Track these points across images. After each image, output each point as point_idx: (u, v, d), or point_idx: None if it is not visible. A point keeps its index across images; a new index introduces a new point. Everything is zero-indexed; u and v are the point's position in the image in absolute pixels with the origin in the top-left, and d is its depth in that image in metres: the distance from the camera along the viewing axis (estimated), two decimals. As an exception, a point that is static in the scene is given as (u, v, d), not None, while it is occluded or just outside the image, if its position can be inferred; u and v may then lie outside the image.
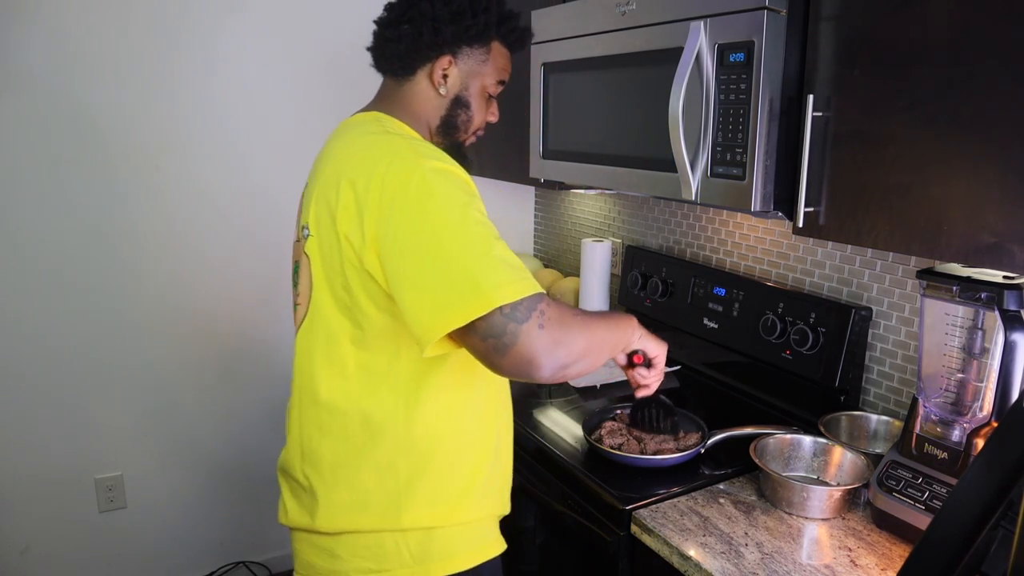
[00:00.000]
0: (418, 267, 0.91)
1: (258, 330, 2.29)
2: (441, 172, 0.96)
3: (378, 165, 0.96)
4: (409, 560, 1.06)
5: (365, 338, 1.03)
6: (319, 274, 1.05)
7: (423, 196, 0.93)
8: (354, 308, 1.02)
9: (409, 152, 0.98)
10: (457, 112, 1.15)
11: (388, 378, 1.04)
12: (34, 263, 2.00)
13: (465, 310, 0.88)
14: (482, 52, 1.14)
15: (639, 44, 1.35)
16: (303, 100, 2.22)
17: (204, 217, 2.18)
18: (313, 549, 1.12)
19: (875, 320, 1.47)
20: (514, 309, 0.88)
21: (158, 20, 2.01)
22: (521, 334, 0.88)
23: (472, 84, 1.15)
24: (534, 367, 0.90)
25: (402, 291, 0.93)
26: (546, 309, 0.91)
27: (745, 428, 1.41)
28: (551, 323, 0.91)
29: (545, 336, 0.89)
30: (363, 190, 0.96)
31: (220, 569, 2.41)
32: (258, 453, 2.38)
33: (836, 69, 1.10)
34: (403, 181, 0.94)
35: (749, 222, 1.75)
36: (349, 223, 0.97)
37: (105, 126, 2.01)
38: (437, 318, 0.89)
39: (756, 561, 1.08)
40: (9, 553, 2.11)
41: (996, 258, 0.94)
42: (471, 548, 1.10)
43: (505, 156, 2.00)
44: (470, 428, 1.10)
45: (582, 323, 0.97)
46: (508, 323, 0.88)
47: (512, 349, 0.88)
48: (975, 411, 1.08)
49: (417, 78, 1.13)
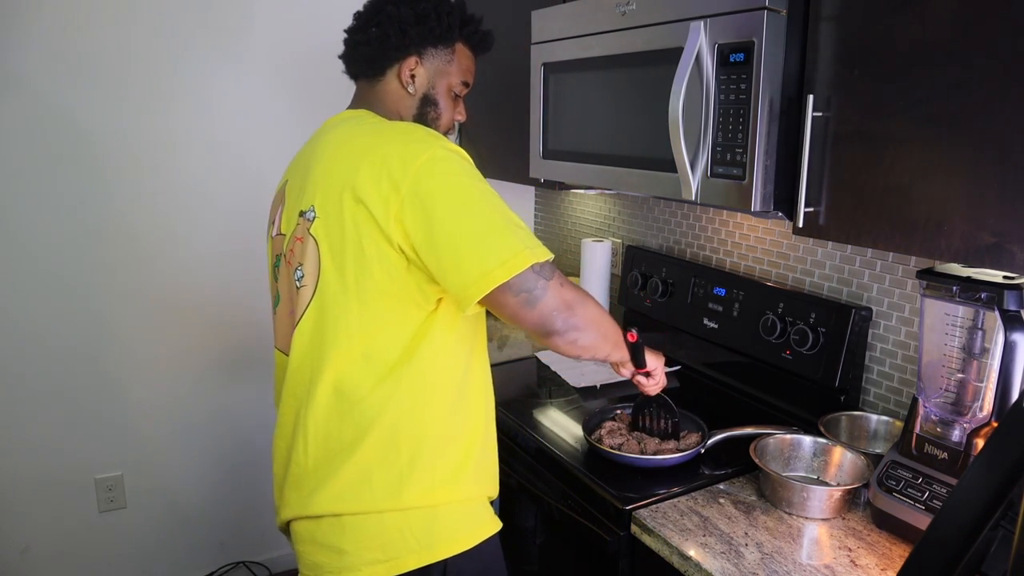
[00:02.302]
0: (454, 233, 0.99)
1: (258, 330, 2.29)
2: (454, 152, 1.05)
3: (394, 144, 1.03)
4: (415, 545, 1.08)
5: (367, 320, 1.06)
6: (327, 256, 1.07)
7: (447, 170, 1.01)
8: (365, 283, 1.05)
9: (423, 132, 1.07)
10: (427, 110, 1.22)
11: (390, 360, 1.07)
12: (33, 263, 2.00)
13: (506, 268, 0.98)
14: (447, 53, 1.21)
15: (639, 44, 1.35)
16: (299, 101, 2.22)
17: (202, 216, 2.18)
18: (318, 548, 1.12)
19: (875, 320, 1.47)
20: (542, 268, 1.01)
21: (154, 22, 2.01)
22: (549, 288, 1.02)
23: (438, 83, 1.22)
24: (553, 320, 1.02)
25: (439, 258, 1.00)
26: (562, 275, 1.06)
27: (745, 428, 1.41)
28: (569, 285, 1.05)
29: (566, 293, 1.04)
30: (384, 167, 1.01)
31: (220, 569, 2.41)
32: (258, 453, 2.38)
33: (836, 69, 1.10)
34: (427, 158, 1.01)
35: (749, 222, 1.75)
36: (373, 197, 1.01)
37: (102, 127, 2.01)
38: (480, 278, 0.98)
39: (756, 561, 1.08)
40: (9, 553, 2.11)
41: (996, 258, 0.94)
42: (471, 527, 1.14)
43: (505, 156, 2.00)
44: (465, 408, 1.14)
45: (593, 300, 1.12)
46: (539, 279, 1.01)
47: (541, 302, 1.01)
48: (975, 411, 1.08)
49: (387, 78, 1.20)
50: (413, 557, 1.08)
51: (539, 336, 1.05)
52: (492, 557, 1.16)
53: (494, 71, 2.03)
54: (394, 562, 1.08)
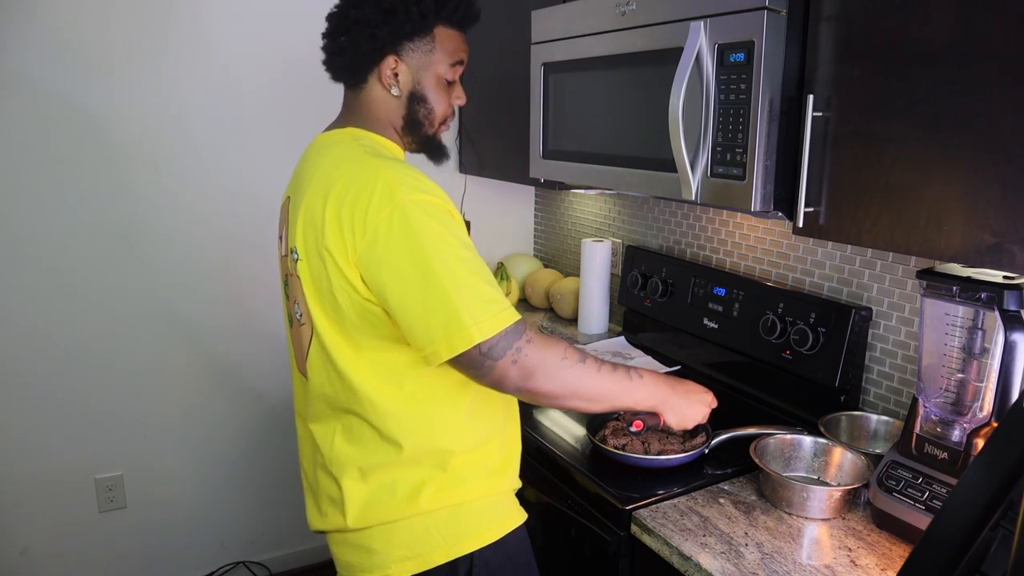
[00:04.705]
0: (403, 302, 0.98)
1: (258, 330, 2.29)
2: (420, 204, 0.99)
3: (362, 192, 1.00)
4: (441, 541, 1.10)
5: (361, 352, 1.08)
6: (311, 297, 1.09)
7: (404, 231, 0.97)
8: (346, 324, 1.07)
9: (391, 181, 1.00)
10: (416, 108, 1.16)
11: (394, 385, 1.08)
12: (33, 263, 2.00)
13: (450, 345, 0.96)
14: (426, 42, 1.13)
15: (639, 44, 1.35)
16: (302, 103, 2.22)
17: (203, 216, 2.18)
18: (349, 549, 1.15)
19: (875, 320, 1.47)
20: (491, 347, 0.97)
21: (156, 21, 2.01)
22: (495, 368, 0.98)
23: (424, 77, 1.15)
24: (503, 388, 1.01)
25: (396, 319, 1.01)
26: (524, 346, 0.99)
27: (748, 428, 1.41)
28: (527, 358, 0.99)
29: (518, 369, 0.99)
30: (348, 217, 1.00)
31: (220, 569, 2.41)
32: (259, 453, 2.38)
33: (836, 69, 1.10)
34: (386, 215, 0.98)
35: (749, 222, 1.75)
36: (336, 246, 1.01)
37: (103, 127, 2.01)
38: (431, 348, 0.98)
39: (756, 561, 1.08)
40: (9, 553, 2.11)
41: (996, 258, 0.94)
42: (497, 520, 1.15)
43: (505, 156, 2.00)
44: (483, 412, 1.14)
45: (569, 366, 1.04)
46: (485, 360, 0.98)
47: (489, 377, 1.00)
48: (975, 411, 1.08)
49: (370, 84, 1.15)
50: (440, 552, 1.10)
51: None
52: (518, 546, 1.17)
53: (494, 71, 2.03)
54: (422, 558, 1.10)
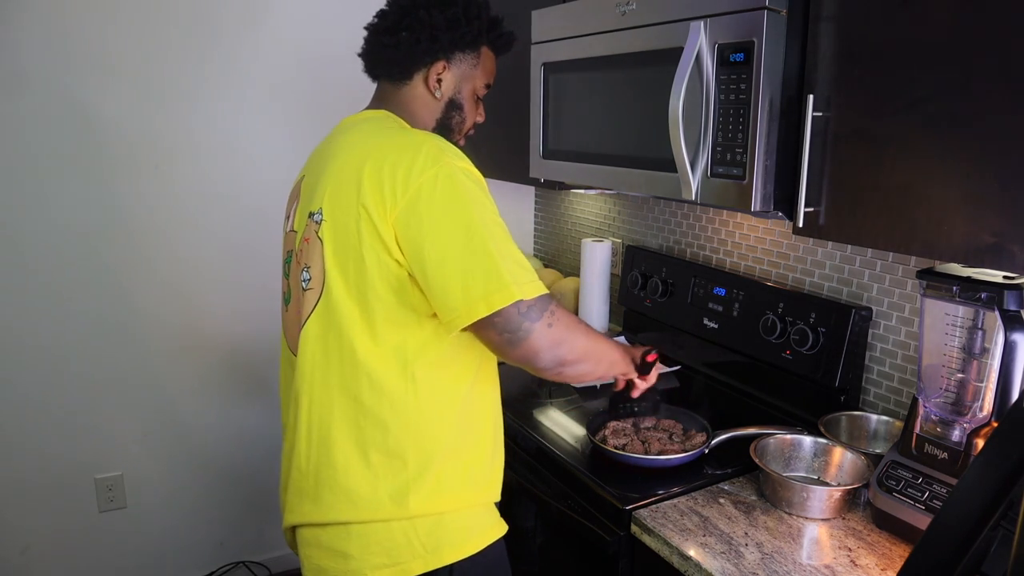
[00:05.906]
0: (444, 257, 0.98)
1: (257, 330, 2.29)
2: (465, 171, 1.03)
3: (404, 153, 1.02)
4: (420, 550, 1.08)
5: (374, 325, 1.05)
6: (331, 260, 1.06)
7: (450, 190, 0.99)
8: (366, 291, 1.04)
9: (435, 146, 1.03)
10: (452, 114, 1.22)
11: (396, 368, 1.06)
12: (34, 264, 2.00)
13: (488, 302, 0.96)
14: (473, 57, 1.21)
15: (639, 44, 1.35)
16: (305, 105, 2.22)
17: (203, 217, 2.18)
18: (323, 552, 1.11)
19: (875, 320, 1.47)
20: (529, 308, 0.99)
21: (157, 23, 2.01)
22: (534, 332, 0.99)
23: (464, 87, 1.22)
24: (537, 359, 1.01)
25: (427, 277, 0.99)
26: (555, 310, 1.03)
27: (749, 428, 1.41)
28: (558, 324, 1.02)
29: (552, 334, 1.01)
30: (389, 176, 1.00)
31: (220, 569, 2.41)
32: (258, 453, 2.38)
33: (836, 69, 1.10)
34: (432, 174, 0.99)
35: (749, 222, 1.75)
36: (374, 203, 1.01)
37: (103, 128, 2.01)
38: (464, 307, 0.97)
39: (756, 561, 1.08)
40: (9, 553, 2.11)
41: (996, 258, 0.94)
42: (478, 531, 1.13)
43: (505, 156, 2.00)
44: (472, 418, 1.13)
45: (585, 331, 1.10)
46: (523, 321, 0.98)
47: (524, 343, 0.99)
48: (975, 411, 1.08)
49: (414, 82, 1.19)
50: (419, 562, 1.07)
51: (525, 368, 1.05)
52: (496, 559, 1.16)
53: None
54: (400, 567, 1.07)
